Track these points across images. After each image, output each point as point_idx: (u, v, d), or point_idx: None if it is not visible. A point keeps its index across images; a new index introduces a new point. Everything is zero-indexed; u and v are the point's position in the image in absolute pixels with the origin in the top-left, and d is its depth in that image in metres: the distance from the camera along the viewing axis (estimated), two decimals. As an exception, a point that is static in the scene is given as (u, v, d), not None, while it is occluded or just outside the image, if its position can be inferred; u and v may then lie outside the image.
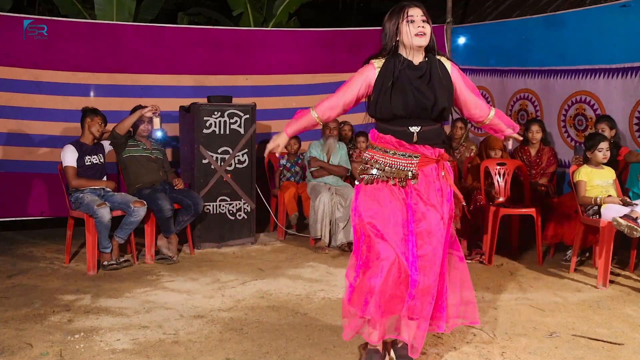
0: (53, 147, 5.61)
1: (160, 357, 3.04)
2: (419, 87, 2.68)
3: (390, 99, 2.68)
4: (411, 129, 2.71)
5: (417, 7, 2.70)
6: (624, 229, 4.08)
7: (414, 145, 2.72)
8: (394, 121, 2.72)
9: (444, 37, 7.05)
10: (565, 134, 5.92)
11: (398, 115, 2.69)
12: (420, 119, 2.71)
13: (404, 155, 2.72)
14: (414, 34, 2.67)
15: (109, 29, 6.14)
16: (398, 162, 2.73)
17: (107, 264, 4.72)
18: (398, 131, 2.72)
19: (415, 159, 2.72)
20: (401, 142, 2.72)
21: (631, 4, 5.28)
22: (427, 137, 2.73)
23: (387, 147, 2.74)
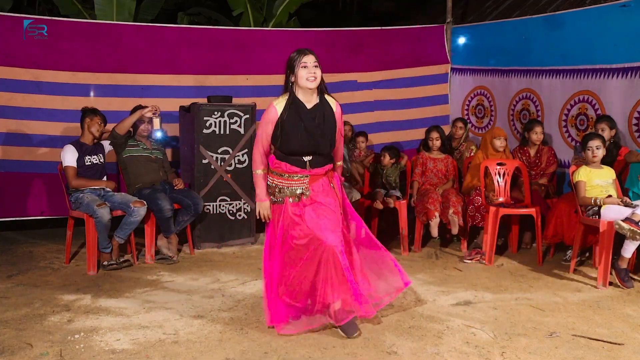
0: (53, 147, 5.61)
1: (160, 357, 3.04)
2: (312, 131, 3.28)
3: (289, 138, 3.27)
4: (304, 158, 3.33)
5: (311, 54, 3.27)
6: (626, 233, 4.07)
7: (306, 169, 3.33)
8: (290, 154, 3.32)
9: (444, 37, 7.05)
10: (566, 133, 5.92)
11: (294, 151, 3.31)
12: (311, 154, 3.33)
13: (297, 177, 3.34)
14: (305, 78, 3.24)
15: (109, 29, 6.13)
16: (293, 183, 3.34)
17: (107, 264, 4.72)
18: (293, 159, 3.32)
19: (307, 178, 3.34)
20: (294, 168, 3.32)
21: (631, 4, 5.27)
22: (317, 163, 3.36)
23: (282, 171, 3.35)
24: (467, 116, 7.04)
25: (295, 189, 3.33)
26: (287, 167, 3.32)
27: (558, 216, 4.90)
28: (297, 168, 3.31)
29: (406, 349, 3.13)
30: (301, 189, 3.33)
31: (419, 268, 4.86)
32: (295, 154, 3.30)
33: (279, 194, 3.34)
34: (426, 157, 5.70)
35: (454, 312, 3.73)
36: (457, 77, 7.09)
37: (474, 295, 4.09)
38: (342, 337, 3.27)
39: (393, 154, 5.69)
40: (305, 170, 3.32)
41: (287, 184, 3.33)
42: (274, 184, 3.37)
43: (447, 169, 5.66)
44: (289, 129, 3.26)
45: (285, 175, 3.33)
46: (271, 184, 3.39)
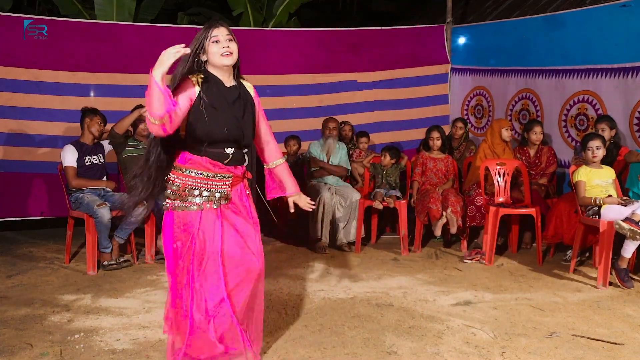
0: (53, 147, 5.61)
1: (160, 357, 3.04)
2: (235, 114, 2.69)
3: (209, 122, 2.61)
4: (227, 150, 2.69)
5: (222, 27, 2.68)
6: (627, 233, 4.07)
7: (227, 167, 2.71)
8: (211, 144, 2.66)
9: (444, 37, 7.05)
10: (566, 133, 5.92)
11: (216, 139, 2.65)
12: (234, 143, 2.71)
13: (218, 177, 2.70)
14: (219, 54, 2.65)
15: (109, 29, 6.14)
16: (212, 184, 2.69)
17: (107, 264, 4.72)
18: (214, 152, 2.67)
19: (229, 179, 2.73)
20: (216, 163, 2.68)
21: (631, 4, 5.27)
22: (237, 158, 2.74)
23: (201, 169, 2.67)
24: (466, 116, 7.05)
25: (215, 191, 2.69)
26: (207, 162, 2.66)
27: (558, 216, 4.90)
28: (219, 164, 2.68)
29: (406, 349, 3.13)
30: (220, 192, 2.70)
31: (419, 268, 4.86)
32: (218, 141, 2.65)
33: (193, 198, 2.65)
34: (426, 157, 5.70)
35: (454, 312, 3.73)
36: (457, 77, 7.09)
37: (474, 295, 4.09)
38: (342, 337, 3.27)
39: (393, 154, 5.69)
40: (227, 168, 2.70)
41: (206, 184, 2.67)
42: (187, 184, 2.66)
43: (447, 169, 5.66)
44: (211, 110, 2.61)
45: (206, 174, 2.67)
46: (178, 185, 2.67)
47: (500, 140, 5.48)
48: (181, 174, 2.68)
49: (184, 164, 2.68)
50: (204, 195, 2.67)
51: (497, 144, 5.49)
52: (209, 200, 2.67)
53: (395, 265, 4.95)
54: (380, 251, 5.49)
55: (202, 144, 2.65)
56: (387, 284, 4.38)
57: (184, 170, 2.68)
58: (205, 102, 2.60)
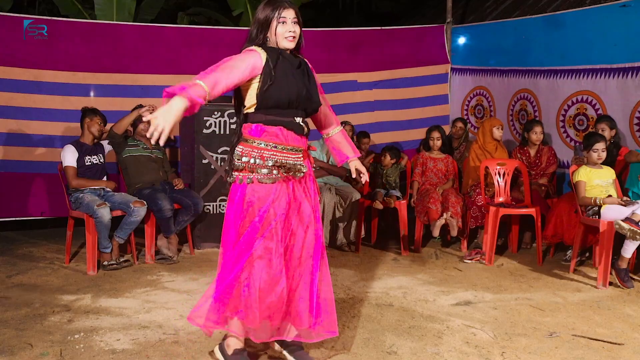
0: (53, 147, 5.61)
1: (160, 357, 3.04)
2: (302, 78, 2.69)
3: (283, 86, 2.61)
4: (297, 119, 2.69)
5: (291, 9, 2.68)
6: (627, 233, 4.07)
7: (300, 137, 2.71)
8: (283, 111, 2.64)
9: (444, 37, 7.05)
10: (565, 134, 5.92)
11: (290, 102, 2.63)
12: (301, 110, 2.71)
13: (292, 150, 2.68)
14: (283, 37, 2.67)
15: (109, 29, 6.14)
16: (288, 157, 2.67)
17: (107, 264, 4.72)
18: (287, 122, 2.65)
19: (300, 152, 2.72)
20: (291, 134, 2.66)
21: (631, 4, 5.28)
22: (305, 127, 2.74)
23: (275, 141, 2.64)
24: (466, 116, 7.05)
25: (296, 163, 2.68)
26: (282, 132, 2.64)
27: (558, 216, 4.90)
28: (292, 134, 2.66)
29: (406, 349, 3.13)
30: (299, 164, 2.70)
31: (419, 268, 4.86)
32: (291, 105, 2.64)
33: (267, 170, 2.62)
34: (426, 157, 5.70)
35: (454, 312, 3.73)
36: (457, 77, 7.09)
37: (474, 295, 4.09)
38: (342, 337, 3.27)
39: (394, 154, 5.69)
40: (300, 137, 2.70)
41: (282, 157, 2.64)
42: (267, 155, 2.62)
43: (447, 169, 5.67)
44: (280, 75, 2.61)
45: (280, 147, 2.64)
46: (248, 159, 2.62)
47: (491, 139, 5.51)
48: (252, 146, 2.64)
49: (258, 136, 2.64)
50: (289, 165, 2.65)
51: (488, 142, 5.52)
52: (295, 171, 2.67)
53: (395, 265, 4.95)
54: (380, 251, 5.49)
55: (274, 112, 2.63)
56: (387, 284, 4.38)
57: (256, 143, 2.64)
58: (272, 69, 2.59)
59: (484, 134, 5.58)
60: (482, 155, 5.50)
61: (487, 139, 5.53)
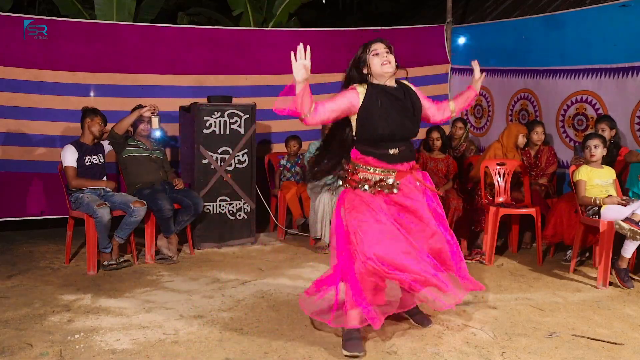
0: (53, 147, 5.61)
1: (160, 357, 3.04)
2: (399, 112, 3.10)
3: (376, 122, 3.04)
4: (391, 151, 3.11)
5: (380, 42, 3.15)
6: (627, 233, 4.07)
7: (392, 164, 3.12)
8: (377, 144, 3.10)
9: (444, 37, 7.05)
10: (564, 134, 5.92)
11: (383, 137, 3.06)
12: (398, 141, 3.12)
13: (382, 171, 3.11)
14: (380, 64, 3.10)
15: (109, 29, 6.14)
16: (379, 177, 3.11)
17: (107, 264, 4.72)
18: (379, 153, 3.10)
19: (393, 173, 3.12)
20: (381, 162, 3.11)
21: (631, 4, 5.28)
22: (403, 156, 3.15)
23: (369, 164, 3.12)
24: (466, 116, 7.04)
25: (388, 179, 3.11)
26: (374, 161, 3.11)
27: (558, 216, 4.90)
28: (384, 163, 3.11)
29: (406, 349, 3.13)
30: (392, 179, 3.11)
31: (419, 268, 4.85)
32: (384, 139, 3.07)
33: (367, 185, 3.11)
34: (426, 157, 5.70)
35: (454, 312, 3.73)
36: (457, 77, 7.09)
37: (474, 295, 4.09)
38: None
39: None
40: (392, 165, 3.12)
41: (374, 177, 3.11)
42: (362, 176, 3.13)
43: (448, 169, 5.66)
44: (374, 110, 3.05)
45: (372, 170, 3.11)
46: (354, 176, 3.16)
47: (514, 145, 5.42)
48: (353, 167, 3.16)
49: (357, 160, 3.16)
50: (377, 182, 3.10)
51: (511, 148, 5.41)
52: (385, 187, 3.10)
53: (395, 265, 4.95)
54: (380, 251, 5.48)
55: (368, 144, 3.12)
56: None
57: (356, 165, 3.15)
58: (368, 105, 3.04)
59: (508, 137, 5.42)
60: (500, 157, 5.43)
61: (511, 144, 5.40)
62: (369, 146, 3.12)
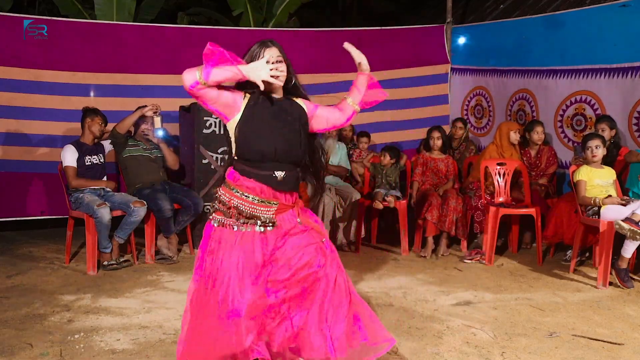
0: (53, 147, 5.61)
1: (160, 357, 3.04)
2: (286, 128, 2.57)
3: (259, 138, 2.52)
4: (276, 173, 2.55)
5: (274, 47, 2.61)
6: (626, 233, 4.07)
7: (276, 192, 2.57)
8: (261, 164, 2.54)
9: (444, 37, 7.05)
10: (562, 134, 5.92)
11: (266, 157, 2.52)
12: (284, 163, 2.57)
13: (263, 202, 2.55)
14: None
15: (109, 29, 6.14)
16: (257, 208, 2.55)
17: (107, 264, 4.72)
18: (263, 175, 2.54)
19: (275, 206, 2.57)
20: (264, 188, 2.55)
21: (631, 4, 5.28)
22: (288, 182, 2.59)
23: (248, 192, 2.54)
24: (466, 116, 7.04)
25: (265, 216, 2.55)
26: (255, 185, 2.53)
27: (558, 216, 4.90)
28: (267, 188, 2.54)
29: (406, 349, 3.13)
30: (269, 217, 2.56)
31: (419, 268, 4.86)
32: (265, 159, 2.52)
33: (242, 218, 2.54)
34: (426, 157, 5.70)
35: (454, 312, 3.73)
36: (457, 77, 7.09)
37: (474, 295, 4.10)
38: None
39: (393, 154, 5.69)
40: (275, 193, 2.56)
41: (253, 208, 2.54)
42: (236, 203, 2.54)
43: (448, 169, 5.66)
44: (254, 126, 2.52)
45: (251, 198, 2.53)
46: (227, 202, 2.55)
47: (508, 143, 5.45)
48: (228, 191, 2.56)
49: (234, 182, 2.57)
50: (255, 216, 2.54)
51: (505, 146, 5.45)
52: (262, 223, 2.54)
53: (395, 265, 4.96)
54: (380, 251, 5.49)
55: (251, 164, 2.54)
56: (387, 284, 4.38)
57: (232, 189, 2.56)
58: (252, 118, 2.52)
59: (501, 137, 5.49)
60: (497, 158, 5.44)
61: (505, 142, 5.45)
62: (251, 166, 2.54)
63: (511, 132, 5.46)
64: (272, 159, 2.53)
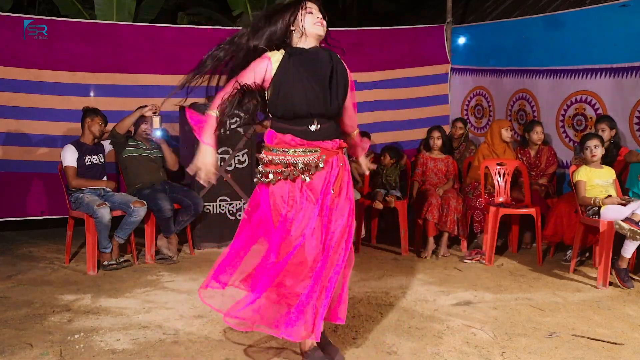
0: (53, 147, 5.61)
1: (160, 357, 3.04)
2: (318, 85, 2.69)
3: (291, 96, 2.66)
4: (311, 127, 2.70)
5: (316, 1, 2.75)
6: (626, 233, 4.07)
7: (313, 142, 2.72)
8: (294, 120, 2.70)
9: (444, 37, 7.05)
10: (564, 134, 5.92)
11: (298, 114, 2.68)
12: (319, 117, 2.71)
13: (304, 152, 2.71)
14: (312, 23, 2.71)
15: (109, 29, 6.14)
16: (299, 159, 2.70)
17: (107, 264, 4.72)
18: (298, 130, 2.70)
19: (316, 152, 2.71)
20: (301, 140, 2.70)
21: (631, 4, 5.28)
22: (324, 132, 2.74)
23: (285, 147, 2.71)
24: (466, 116, 7.04)
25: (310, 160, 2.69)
26: (292, 139, 2.69)
27: (558, 216, 4.90)
28: (304, 139, 2.69)
29: (406, 349, 3.13)
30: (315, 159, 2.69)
31: (419, 268, 4.86)
32: (300, 115, 2.67)
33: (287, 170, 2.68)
34: (426, 157, 5.70)
35: (454, 312, 3.73)
36: (457, 77, 7.09)
37: (474, 295, 4.09)
38: (342, 337, 3.27)
39: (393, 154, 5.69)
40: (313, 143, 2.70)
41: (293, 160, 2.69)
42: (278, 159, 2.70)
43: (448, 169, 5.66)
44: (291, 82, 2.64)
45: (291, 151, 2.69)
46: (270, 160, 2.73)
47: (500, 140, 5.49)
48: (268, 152, 2.74)
49: (271, 143, 2.74)
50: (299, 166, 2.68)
51: (497, 144, 5.49)
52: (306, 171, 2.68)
53: (395, 265, 4.95)
54: (380, 251, 5.49)
55: (285, 121, 2.70)
56: (387, 284, 4.38)
57: (271, 149, 2.74)
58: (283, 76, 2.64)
59: (492, 135, 5.52)
60: (489, 157, 5.46)
61: (496, 140, 5.48)
62: (285, 123, 2.71)
63: (502, 129, 5.48)
64: (304, 115, 2.68)
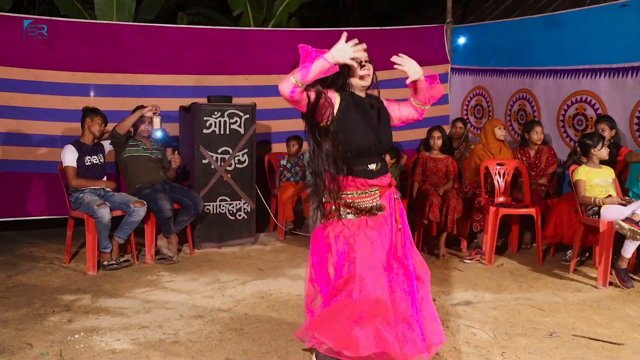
0: (53, 147, 5.61)
1: (160, 357, 3.04)
2: (375, 125, 2.76)
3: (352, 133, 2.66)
4: (370, 166, 2.71)
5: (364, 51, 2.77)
6: (627, 233, 4.07)
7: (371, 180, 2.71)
8: (356, 160, 2.68)
9: (444, 37, 7.05)
10: (565, 134, 5.92)
11: (362, 152, 2.68)
12: (376, 156, 2.76)
13: (365, 193, 2.71)
14: (359, 76, 2.78)
15: (109, 29, 6.14)
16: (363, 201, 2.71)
17: (107, 264, 4.72)
18: (358, 170, 2.69)
19: (376, 191, 2.73)
20: (363, 181, 2.69)
21: (631, 4, 5.28)
22: (381, 170, 2.77)
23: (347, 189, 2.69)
24: (466, 116, 7.04)
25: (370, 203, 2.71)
26: (353, 182, 2.67)
27: (558, 216, 4.90)
28: (366, 179, 2.69)
29: (406, 349, 3.12)
30: (375, 202, 2.72)
31: (419, 268, 4.85)
32: (361, 155, 2.68)
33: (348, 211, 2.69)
34: (426, 156, 5.69)
35: (454, 312, 3.73)
36: (456, 77, 7.09)
37: (474, 295, 4.10)
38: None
39: (393, 154, 5.69)
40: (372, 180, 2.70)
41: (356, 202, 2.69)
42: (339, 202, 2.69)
43: (448, 169, 5.66)
44: (351, 122, 2.65)
45: (352, 194, 2.68)
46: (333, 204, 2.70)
47: (494, 139, 5.50)
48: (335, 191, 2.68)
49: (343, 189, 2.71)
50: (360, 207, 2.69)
51: (492, 143, 5.51)
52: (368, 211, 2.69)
53: (395, 265, 4.95)
54: (380, 251, 5.48)
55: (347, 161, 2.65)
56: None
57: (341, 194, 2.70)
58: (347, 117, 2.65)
59: (486, 135, 5.56)
60: (485, 157, 5.47)
61: (490, 139, 5.52)
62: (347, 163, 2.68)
63: (495, 128, 5.51)
64: (367, 154, 2.70)
